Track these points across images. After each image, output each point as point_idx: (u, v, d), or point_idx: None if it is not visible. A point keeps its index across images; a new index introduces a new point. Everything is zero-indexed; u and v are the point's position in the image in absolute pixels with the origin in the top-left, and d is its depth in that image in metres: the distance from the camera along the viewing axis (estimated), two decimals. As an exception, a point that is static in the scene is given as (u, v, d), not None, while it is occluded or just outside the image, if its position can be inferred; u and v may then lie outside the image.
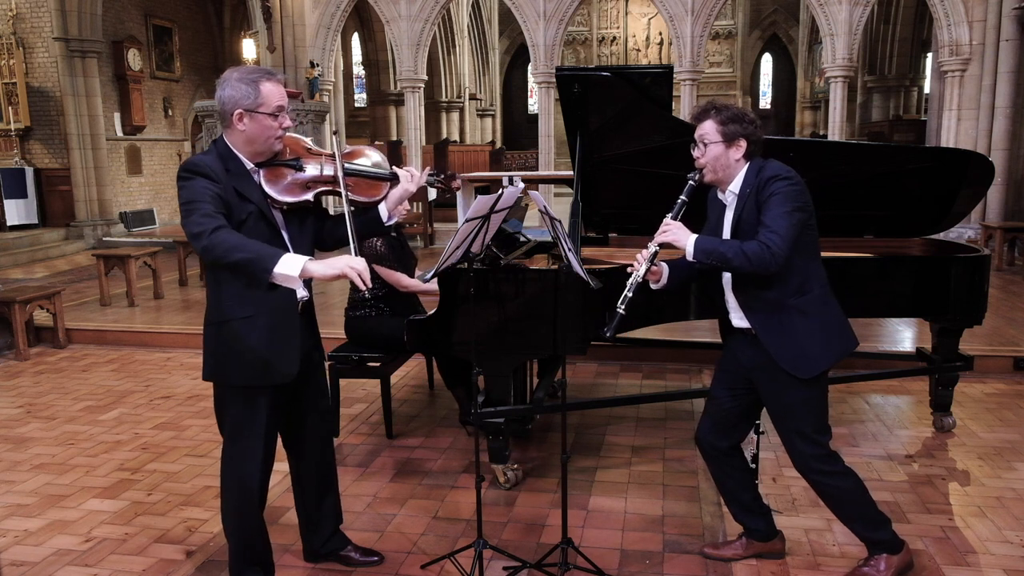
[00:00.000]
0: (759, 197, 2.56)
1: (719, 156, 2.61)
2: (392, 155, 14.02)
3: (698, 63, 11.71)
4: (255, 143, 2.43)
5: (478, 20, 23.43)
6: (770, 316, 2.64)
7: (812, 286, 2.64)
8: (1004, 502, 3.42)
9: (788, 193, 2.52)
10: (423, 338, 3.54)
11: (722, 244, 2.58)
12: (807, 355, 2.61)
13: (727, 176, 2.65)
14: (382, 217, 2.63)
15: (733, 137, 2.59)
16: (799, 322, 2.61)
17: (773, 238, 2.48)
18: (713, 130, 2.60)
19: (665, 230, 2.63)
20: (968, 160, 3.97)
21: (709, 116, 2.62)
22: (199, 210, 2.27)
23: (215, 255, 2.23)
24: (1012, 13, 9.67)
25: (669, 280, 2.76)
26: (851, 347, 2.73)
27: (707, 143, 2.62)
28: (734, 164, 2.63)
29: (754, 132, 2.61)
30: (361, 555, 2.95)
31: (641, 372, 5.40)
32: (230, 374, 2.50)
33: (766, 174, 2.57)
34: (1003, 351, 5.41)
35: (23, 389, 5.31)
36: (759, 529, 2.95)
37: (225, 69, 2.54)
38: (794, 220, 2.51)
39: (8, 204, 11.79)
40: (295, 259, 2.20)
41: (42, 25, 12.14)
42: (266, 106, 2.39)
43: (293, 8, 12.27)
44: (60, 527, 3.30)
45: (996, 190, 9.79)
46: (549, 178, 11.73)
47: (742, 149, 2.60)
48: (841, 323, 2.71)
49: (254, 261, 2.20)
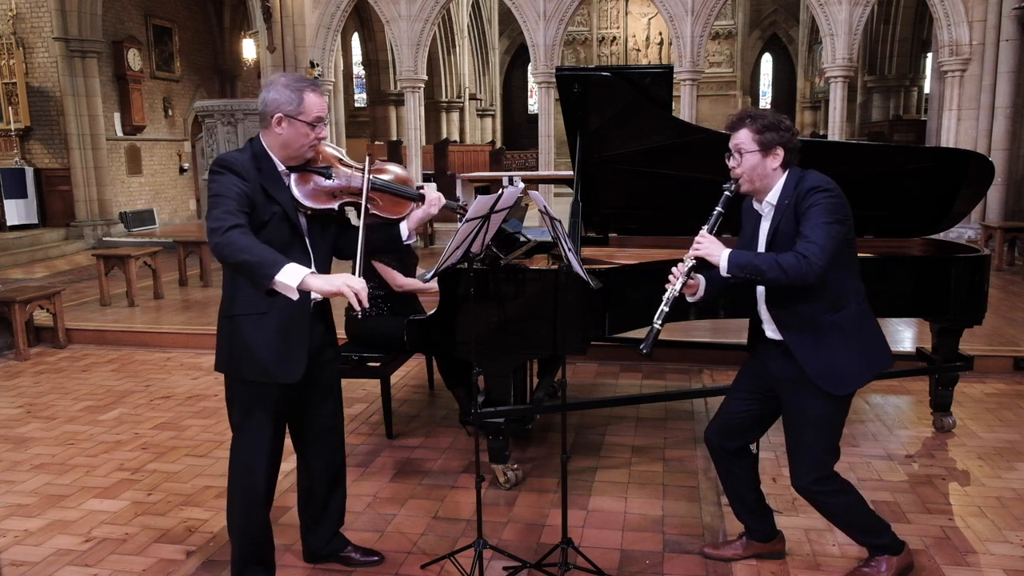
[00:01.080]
0: (798, 209, 2.50)
1: (756, 165, 2.54)
2: (392, 155, 14.03)
3: (698, 63, 11.71)
4: (289, 148, 2.49)
5: (478, 20, 23.42)
6: (805, 332, 2.58)
7: (849, 301, 2.58)
8: (1004, 502, 3.42)
9: (828, 205, 2.46)
10: (423, 338, 3.54)
11: (756, 257, 2.52)
12: (843, 372, 2.56)
13: (764, 186, 2.59)
14: (402, 235, 2.68)
15: (770, 145, 2.52)
16: (836, 338, 2.56)
17: (811, 248, 2.42)
18: (749, 139, 2.54)
19: (699, 244, 2.57)
20: (968, 160, 3.97)
21: (744, 125, 2.56)
22: (221, 206, 2.32)
23: (223, 253, 2.27)
24: (1012, 13, 9.67)
25: (706, 292, 2.70)
26: (887, 365, 2.68)
27: (743, 152, 2.55)
28: (771, 173, 2.56)
29: (791, 140, 2.54)
30: (361, 555, 2.95)
31: (641, 372, 5.40)
32: (240, 368, 2.53)
33: (806, 185, 2.51)
34: (1003, 351, 5.41)
35: (23, 389, 5.31)
36: (760, 529, 2.95)
37: (225, 69, 2.57)
38: (833, 232, 2.44)
39: (8, 204, 11.79)
40: (297, 270, 2.24)
41: (42, 25, 12.14)
42: (306, 115, 2.45)
43: (293, 8, 12.27)
44: (60, 527, 3.30)
45: (996, 190, 9.79)
46: (549, 178, 11.73)
47: (779, 158, 2.54)
48: (878, 340, 2.67)
49: (257, 265, 2.24)
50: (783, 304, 2.61)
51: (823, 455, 2.65)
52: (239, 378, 2.55)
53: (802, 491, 2.72)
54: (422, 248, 10.78)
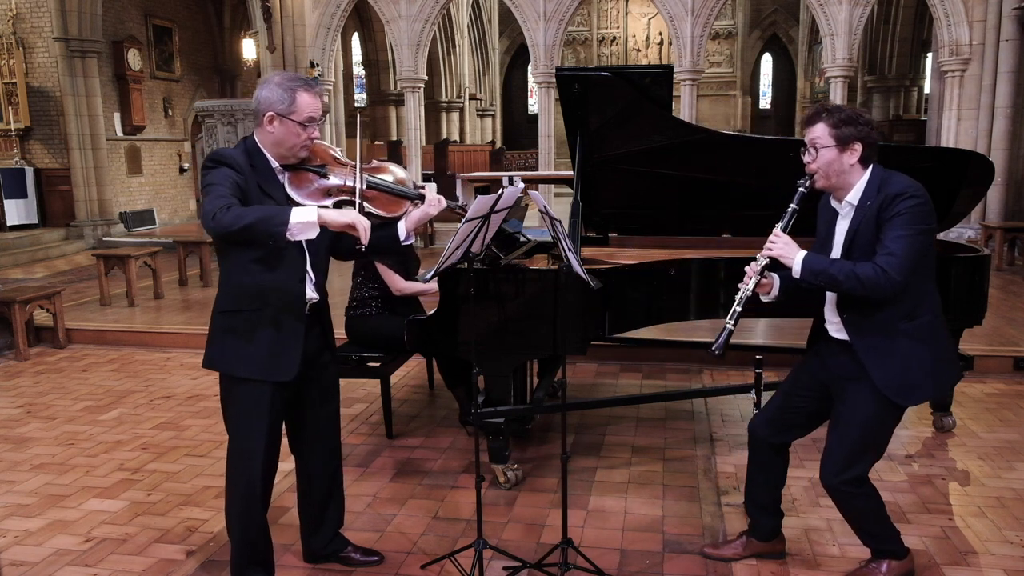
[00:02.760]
0: (882, 214, 2.41)
1: (832, 161, 2.46)
2: (392, 155, 14.03)
3: (698, 63, 11.71)
4: (281, 146, 2.48)
5: (478, 20, 23.42)
6: (877, 339, 2.50)
7: (925, 311, 2.51)
8: (1004, 502, 3.42)
9: (914, 214, 2.37)
10: (423, 338, 3.54)
11: (832, 265, 2.44)
12: (911, 383, 2.50)
13: (841, 182, 2.50)
14: (400, 235, 2.67)
15: (848, 140, 2.44)
16: (907, 348, 2.48)
17: (892, 261, 2.34)
18: (826, 133, 2.46)
19: (773, 243, 2.50)
20: (968, 160, 3.97)
21: (821, 119, 2.48)
22: (214, 192, 2.30)
23: (226, 225, 2.21)
24: (1012, 13, 9.67)
25: (780, 291, 2.64)
26: (956, 380, 2.65)
27: (819, 147, 2.47)
28: (848, 169, 2.48)
29: (869, 134, 2.46)
30: (361, 555, 2.95)
31: (641, 372, 5.40)
32: (233, 364, 2.52)
33: (892, 189, 2.41)
34: (1003, 351, 5.41)
35: (23, 389, 5.31)
36: (766, 528, 2.93)
37: (225, 69, 2.58)
38: (916, 244, 2.36)
39: (8, 204, 11.79)
40: (308, 208, 2.25)
41: (42, 25, 12.14)
42: (297, 114, 2.44)
43: (293, 8, 12.27)
44: (60, 527, 3.30)
45: (996, 190, 9.79)
46: (549, 178, 11.73)
47: (857, 153, 2.46)
48: (950, 353, 2.61)
49: (266, 220, 2.22)
50: (857, 309, 2.53)
51: (866, 457, 2.61)
52: (232, 374, 2.54)
53: (831, 488, 2.66)
54: (422, 248, 10.78)
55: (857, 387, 2.56)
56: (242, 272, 2.47)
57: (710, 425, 4.38)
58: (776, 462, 2.88)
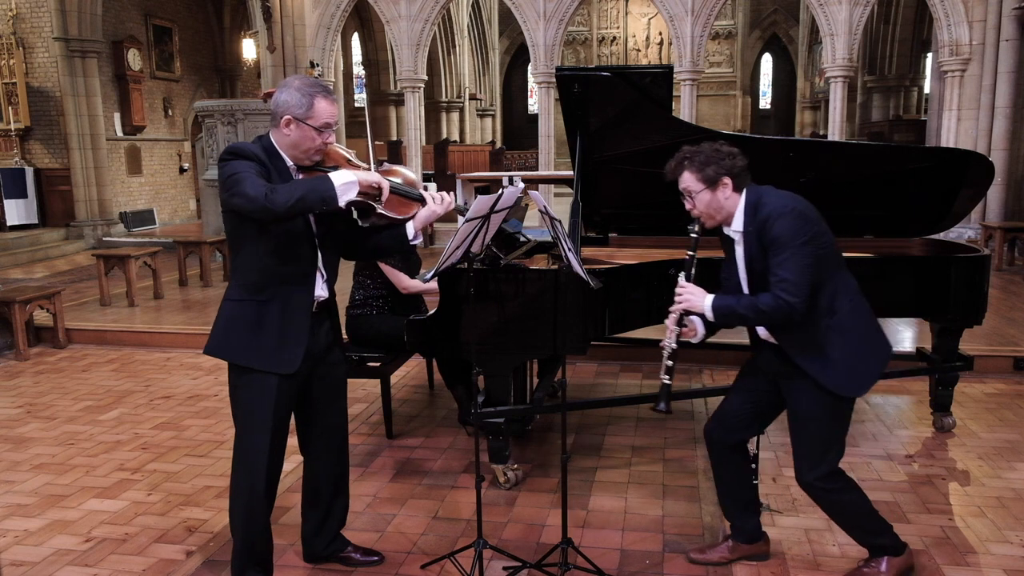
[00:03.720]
0: (762, 239, 2.53)
1: (709, 201, 2.60)
2: (392, 155, 14.03)
3: (698, 63, 11.71)
4: (296, 149, 2.53)
5: (478, 20, 23.42)
6: (807, 342, 2.58)
7: (842, 301, 2.58)
8: (1004, 502, 3.42)
9: (788, 232, 2.47)
10: (423, 338, 3.54)
11: (738, 303, 2.57)
12: (853, 373, 2.57)
13: (725, 216, 2.63)
14: (408, 234, 2.69)
15: (715, 179, 2.57)
16: (839, 342, 2.55)
17: (786, 287, 2.45)
18: (693, 180, 2.59)
19: (679, 296, 2.62)
20: (968, 160, 3.97)
21: (684, 167, 2.61)
22: (246, 180, 2.34)
23: (280, 203, 2.30)
24: (1012, 13, 9.67)
25: (707, 329, 2.73)
26: (887, 359, 2.69)
27: (693, 193, 2.61)
28: (726, 204, 2.60)
29: (734, 166, 2.57)
30: (362, 555, 2.96)
31: (641, 372, 5.39)
32: (236, 351, 2.55)
33: (762, 213, 2.53)
34: (1003, 351, 5.41)
35: (23, 389, 5.31)
36: (747, 529, 2.94)
37: (225, 69, 2.61)
38: (802, 259, 2.46)
39: (8, 204, 11.78)
40: (342, 173, 2.38)
41: (42, 25, 12.14)
42: (314, 120, 2.48)
43: (293, 8, 12.27)
44: (60, 527, 3.30)
45: (996, 190, 9.79)
46: (549, 178, 11.73)
47: (728, 186, 2.58)
48: (876, 333, 2.67)
49: (312, 190, 2.33)
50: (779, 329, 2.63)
51: (827, 452, 2.65)
52: (234, 361, 2.56)
53: (806, 487, 2.71)
54: (422, 248, 10.78)
55: (800, 385, 2.62)
56: (255, 263, 2.51)
57: (710, 425, 4.38)
58: (736, 461, 2.90)
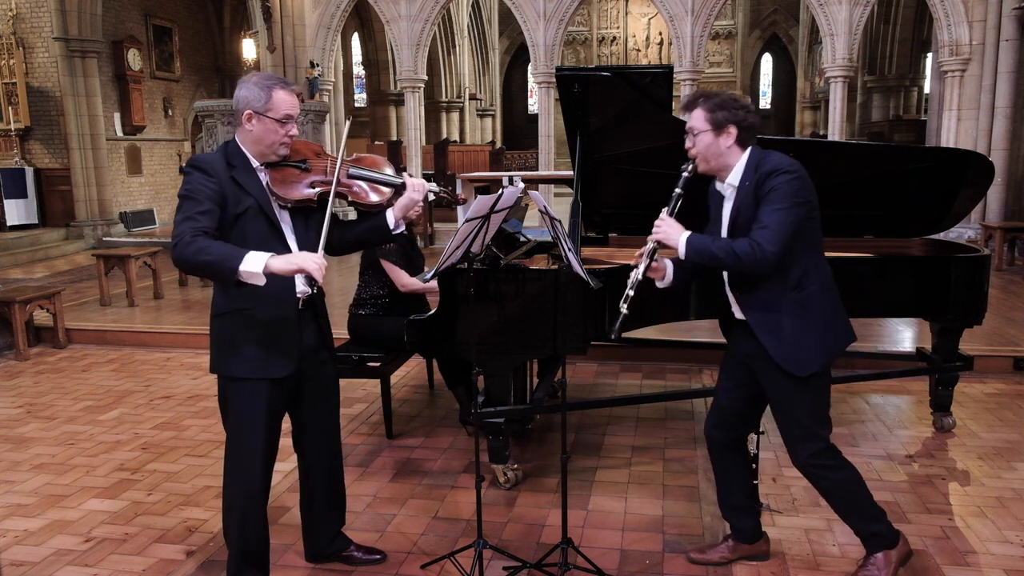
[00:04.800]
0: (758, 192, 2.49)
1: (709, 144, 2.55)
2: (392, 155, 14.03)
3: (698, 63, 11.71)
4: (260, 144, 2.52)
5: (478, 20, 23.43)
6: (766, 313, 2.58)
7: (811, 281, 2.57)
8: (1004, 502, 3.42)
9: (787, 189, 2.45)
10: (423, 338, 3.54)
11: (713, 244, 2.53)
12: (802, 354, 2.55)
13: (720, 165, 2.58)
14: (389, 224, 2.67)
15: (722, 124, 2.52)
16: (795, 319, 2.55)
17: (766, 234, 2.42)
18: (701, 118, 2.54)
19: (658, 227, 2.58)
20: (968, 160, 3.97)
21: (697, 105, 2.56)
22: (184, 210, 2.37)
23: (184, 258, 2.30)
24: (1012, 13, 9.67)
25: (675, 277, 2.70)
26: (845, 343, 2.67)
27: (696, 132, 2.56)
28: (726, 152, 2.55)
29: (744, 118, 2.53)
30: (364, 554, 2.96)
31: (641, 372, 5.40)
32: (229, 365, 2.54)
33: (766, 168, 2.49)
34: (1003, 351, 5.41)
35: (23, 389, 5.31)
36: (747, 529, 2.93)
37: (225, 69, 2.61)
38: (791, 216, 2.44)
39: (8, 204, 11.77)
40: (258, 256, 2.28)
41: (42, 25, 12.13)
42: (274, 112, 2.48)
43: (293, 8, 12.27)
44: (60, 527, 3.30)
45: (996, 190, 9.79)
46: (549, 178, 11.73)
47: (732, 136, 2.53)
48: (838, 318, 2.65)
49: (219, 262, 2.28)
50: (745, 285, 2.62)
51: (812, 427, 2.64)
52: (229, 375, 2.56)
53: (802, 467, 2.70)
54: (422, 248, 10.77)
55: (766, 367, 2.62)
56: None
57: (710, 425, 4.38)
58: (735, 460, 2.90)
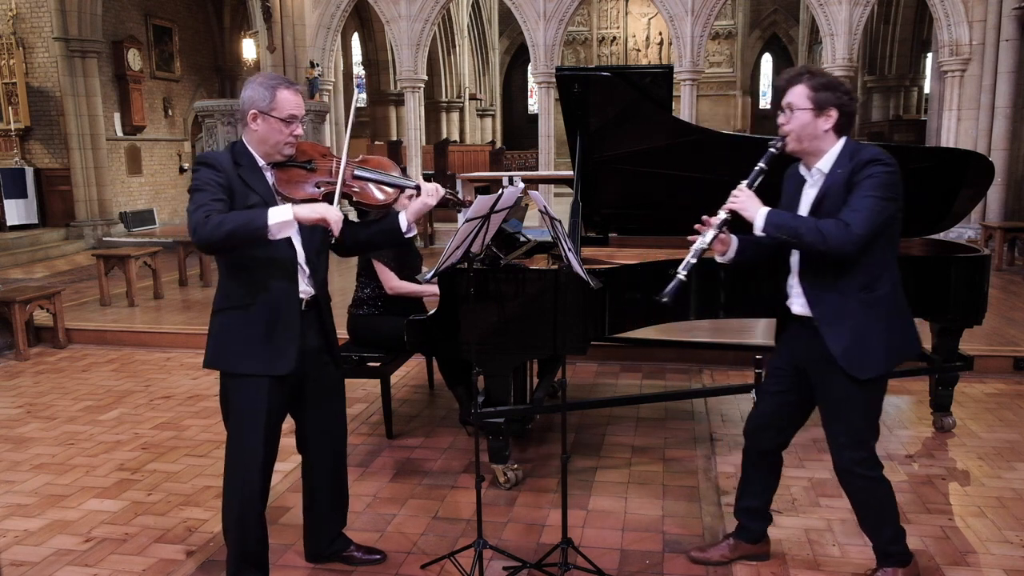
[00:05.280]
0: (852, 179, 2.39)
1: (806, 124, 2.43)
2: (392, 155, 14.02)
3: (698, 63, 11.71)
4: (266, 144, 2.53)
5: (478, 20, 23.43)
6: (835, 308, 2.49)
7: (884, 283, 2.49)
8: (1004, 502, 3.42)
9: (883, 180, 2.36)
10: (423, 338, 3.54)
11: (795, 219, 2.43)
12: (867, 356, 2.48)
13: (813, 147, 2.48)
14: (402, 227, 2.67)
15: (824, 105, 2.41)
16: (864, 319, 2.47)
17: (856, 216, 2.32)
18: (803, 95, 2.43)
19: (736, 197, 2.45)
20: (968, 160, 3.97)
21: (801, 80, 2.44)
22: (196, 200, 2.39)
23: (208, 237, 2.31)
24: (1012, 13, 9.67)
25: (738, 254, 2.59)
26: (910, 352, 2.61)
27: (795, 108, 2.44)
28: (822, 135, 2.45)
29: (848, 104, 2.43)
30: (364, 554, 2.96)
31: (641, 372, 5.40)
32: (230, 360, 2.55)
33: (864, 156, 2.40)
34: (1003, 351, 5.41)
35: (23, 389, 5.31)
36: (753, 531, 2.93)
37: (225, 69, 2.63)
38: (881, 208, 2.35)
39: (8, 204, 11.77)
40: (282, 208, 2.33)
41: (42, 25, 12.13)
42: (279, 111, 2.49)
43: (293, 8, 12.27)
44: (60, 527, 3.30)
45: (996, 190, 9.79)
46: (549, 178, 11.73)
47: (832, 119, 2.43)
48: (906, 324, 2.58)
49: (245, 224, 2.31)
50: (818, 277, 2.51)
51: (863, 433, 2.58)
52: (230, 371, 2.56)
53: (842, 473, 2.64)
54: (422, 248, 10.78)
55: (825, 369, 2.55)
56: (236, 270, 2.53)
57: (710, 425, 4.38)
58: (766, 467, 2.87)
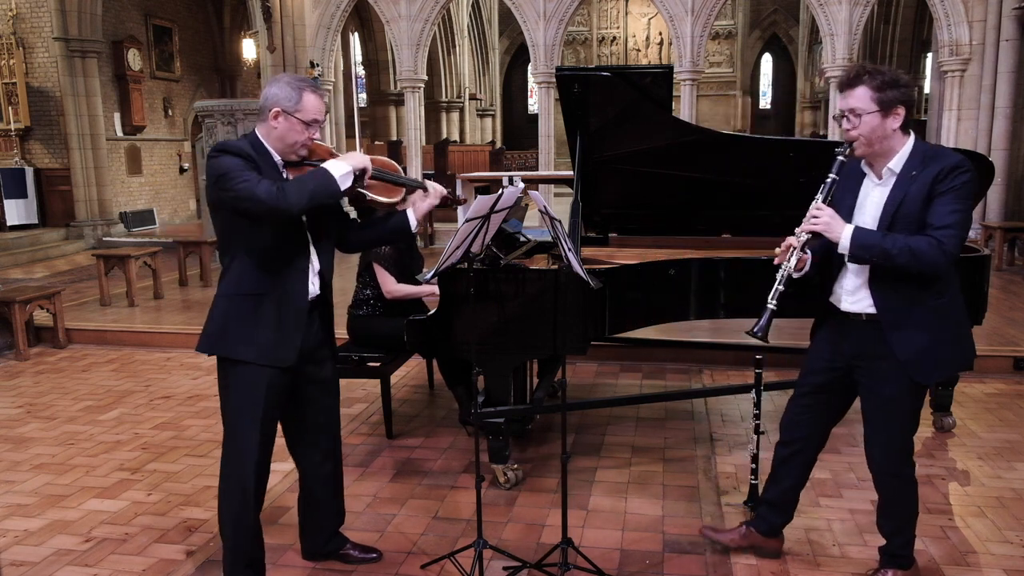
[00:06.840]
0: (937, 187, 2.30)
1: (875, 127, 2.34)
2: (392, 155, 14.02)
3: (698, 63, 11.71)
4: (283, 142, 2.54)
5: (478, 20, 23.43)
6: (907, 312, 2.42)
7: (950, 288, 2.45)
8: (1004, 502, 3.42)
9: (968, 190, 2.29)
10: (423, 338, 3.54)
11: (884, 239, 2.32)
12: (928, 362, 2.44)
13: (884, 148, 2.38)
14: (411, 226, 2.73)
15: (891, 104, 2.32)
16: (934, 324, 2.42)
17: (949, 235, 2.26)
18: (868, 98, 2.33)
19: (816, 217, 2.38)
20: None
21: (862, 82, 2.34)
22: (240, 176, 2.37)
23: (293, 200, 2.36)
24: (1012, 13, 9.66)
25: (812, 267, 2.52)
26: (964, 364, 2.59)
27: (861, 113, 2.34)
28: (891, 135, 2.36)
29: (912, 97, 2.36)
30: (360, 552, 2.97)
31: (641, 372, 5.40)
32: (230, 346, 2.53)
33: (948, 162, 2.31)
34: (1003, 351, 5.41)
35: (23, 389, 5.31)
36: (770, 524, 2.91)
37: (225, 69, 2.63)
38: (967, 219, 2.29)
39: (8, 204, 11.78)
40: (335, 162, 2.47)
41: (42, 25, 12.14)
42: (303, 114, 2.50)
43: (293, 8, 12.27)
44: (60, 527, 3.30)
45: (996, 190, 9.78)
46: (549, 178, 11.73)
47: (900, 117, 2.35)
48: (967, 334, 2.56)
49: (321, 184, 2.41)
50: (890, 280, 2.42)
51: (908, 437, 2.56)
52: (230, 357, 2.55)
53: (880, 469, 2.60)
54: (422, 248, 10.77)
55: (880, 366, 2.49)
56: (249, 258, 2.51)
57: (710, 425, 4.38)
58: (795, 464, 2.82)
